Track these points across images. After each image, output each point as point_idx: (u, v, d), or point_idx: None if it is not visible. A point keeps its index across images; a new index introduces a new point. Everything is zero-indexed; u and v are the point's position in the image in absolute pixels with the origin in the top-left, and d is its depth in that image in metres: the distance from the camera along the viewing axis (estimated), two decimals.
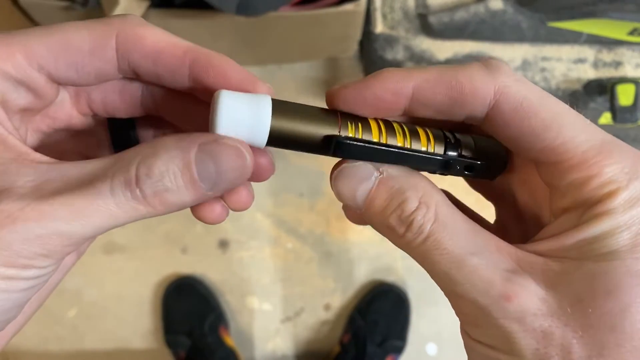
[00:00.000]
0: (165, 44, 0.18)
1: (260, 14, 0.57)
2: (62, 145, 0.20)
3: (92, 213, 0.14)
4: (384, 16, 0.69)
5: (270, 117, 0.16)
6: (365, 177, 0.17)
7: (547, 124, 0.16)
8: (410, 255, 0.16)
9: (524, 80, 0.16)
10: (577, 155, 0.16)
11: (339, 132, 0.17)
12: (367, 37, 0.71)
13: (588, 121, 0.17)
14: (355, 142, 0.16)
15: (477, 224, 0.16)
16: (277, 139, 0.16)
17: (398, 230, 0.16)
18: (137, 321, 0.83)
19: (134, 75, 0.18)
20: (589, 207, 0.15)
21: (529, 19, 0.65)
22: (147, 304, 0.83)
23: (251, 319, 0.83)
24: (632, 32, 0.63)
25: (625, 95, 0.61)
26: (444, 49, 0.68)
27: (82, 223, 0.14)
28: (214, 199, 0.18)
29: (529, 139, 0.16)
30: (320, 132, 0.17)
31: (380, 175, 0.17)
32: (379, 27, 0.69)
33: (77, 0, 0.59)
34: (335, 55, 0.82)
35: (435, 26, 0.66)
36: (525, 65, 0.68)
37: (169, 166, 0.15)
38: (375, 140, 0.17)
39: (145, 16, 0.59)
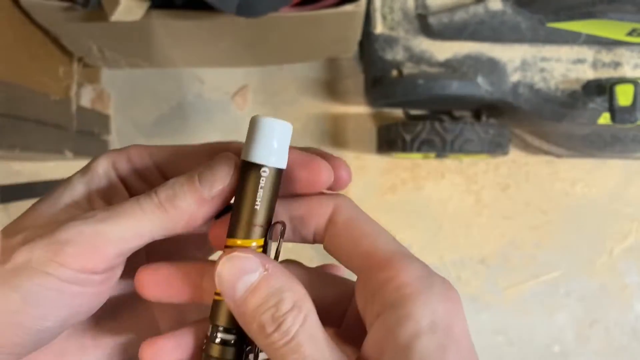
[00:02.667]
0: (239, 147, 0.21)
1: (261, 14, 0.57)
2: None
3: (122, 214, 0.18)
4: (384, 17, 0.69)
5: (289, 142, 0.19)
6: (251, 270, 0.18)
7: (366, 235, 0.19)
8: (269, 355, 0.17)
9: (356, 206, 0.20)
10: (382, 259, 0.18)
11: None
12: (367, 38, 0.71)
13: (401, 244, 0.19)
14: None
15: (332, 341, 0.18)
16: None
17: (267, 328, 0.17)
18: None
19: None
20: (391, 308, 0.17)
21: (528, 20, 0.65)
22: None
23: None
24: (631, 33, 0.64)
25: (624, 96, 0.61)
26: (443, 49, 0.68)
27: (113, 222, 0.18)
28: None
29: (351, 246, 0.19)
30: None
31: (265, 271, 0.18)
32: (379, 28, 0.69)
33: (78, 1, 0.59)
34: (335, 55, 0.83)
35: (434, 27, 0.66)
36: (524, 66, 0.68)
37: (179, 178, 0.19)
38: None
39: (145, 17, 0.59)
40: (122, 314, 0.22)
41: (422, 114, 0.79)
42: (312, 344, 0.17)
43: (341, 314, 0.21)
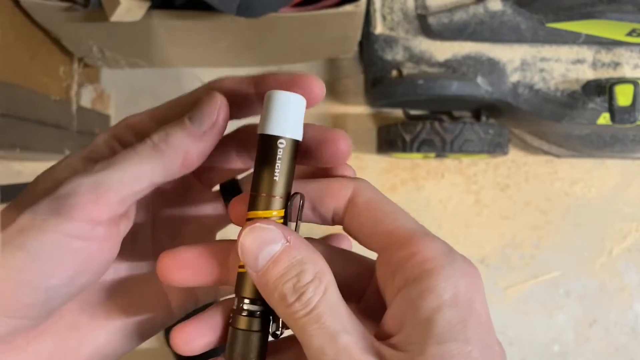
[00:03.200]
0: (232, 81, 0.23)
1: (261, 15, 0.58)
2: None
3: (120, 161, 0.19)
4: (384, 17, 0.69)
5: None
6: (273, 241, 0.18)
7: (386, 214, 0.19)
8: (289, 325, 0.18)
9: (374, 187, 0.21)
10: (404, 237, 0.18)
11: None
12: (367, 38, 0.71)
13: (417, 220, 0.20)
14: None
15: (353, 313, 0.18)
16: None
17: (289, 298, 0.17)
18: None
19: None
20: (412, 282, 0.17)
21: (528, 20, 0.65)
22: None
23: None
24: (630, 33, 0.64)
25: (623, 96, 0.61)
26: (443, 49, 0.68)
27: (112, 170, 0.18)
28: None
29: (372, 225, 0.19)
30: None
31: (287, 243, 0.18)
32: (379, 28, 0.69)
33: (78, 1, 0.59)
34: (335, 56, 0.83)
35: (434, 27, 0.66)
36: (524, 66, 0.68)
37: (171, 123, 0.20)
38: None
39: (145, 17, 0.60)
40: (133, 290, 0.23)
41: (422, 114, 0.79)
42: (333, 314, 0.17)
43: (361, 290, 0.21)
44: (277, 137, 0.19)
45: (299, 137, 0.20)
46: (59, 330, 0.20)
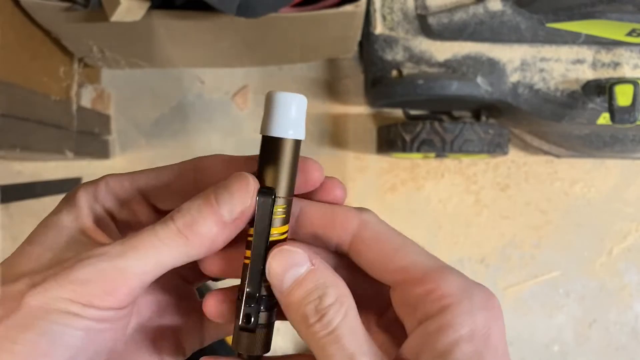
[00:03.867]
0: (231, 158, 0.21)
1: (261, 15, 0.58)
2: None
3: (140, 247, 0.18)
4: (384, 17, 0.69)
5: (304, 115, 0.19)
6: (299, 264, 0.19)
7: (397, 249, 0.19)
8: (309, 345, 0.18)
9: (382, 220, 0.21)
10: (419, 273, 0.19)
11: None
12: (367, 38, 0.71)
13: (431, 253, 0.20)
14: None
15: (368, 334, 0.19)
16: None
17: (310, 319, 0.18)
18: None
19: None
20: (430, 318, 0.17)
21: (528, 20, 0.65)
22: None
23: None
24: (630, 33, 0.64)
25: (623, 96, 0.61)
26: (443, 49, 0.68)
27: (133, 256, 0.17)
28: None
29: (383, 261, 0.19)
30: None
31: (312, 266, 0.19)
32: (379, 28, 0.69)
33: (78, 1, 0.59)
34: (335, 56, 0.83)
35: (434, 27, 0.66)
36: (524, 66, 0.68)
37: (195, 202, 0.18)
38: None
39: (146, 17, 0.60)
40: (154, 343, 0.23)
41: (422, 114, 0.80)
42: (352, 336, 0.17)
43: (382, 305, 0.22)
44: (279, 139, 0.19)
45: (302, 137, 0.20)
46: None
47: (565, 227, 0.84)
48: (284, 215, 0.20)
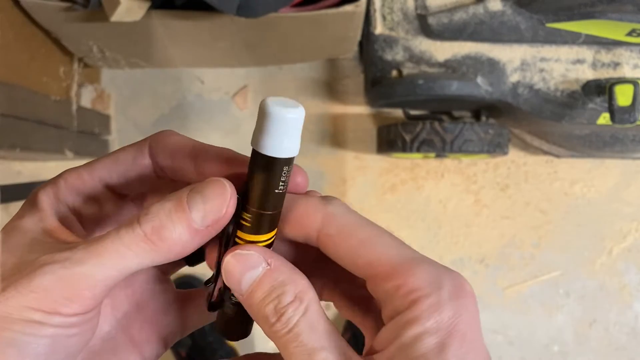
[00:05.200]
0: (180, 143, 0.20)
1: (261, 15, 0.58)
2: None
3: (104, 252, 0.17)
4: (384, 17, 0.69)
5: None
6: (254, 266, 0.18)
7: (364, 243, 0.18)
8: (275, 344, 0.18)
9: (350, 210, 0.19)
10: (387, 268, 0.18)
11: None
12: (367, 38, 0.71)
13: (403, 242, 0.19)
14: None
15: (336, 329, 0.18)
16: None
17: (270, 319, 0.18)
18: None
19: (162, 174, 0.21)
20: (399, 314, 0.17)
21: (528, 20, 0.65)
22: None
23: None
24: (630, 33, 0.64)
25: (623, 96, 0.61)
26: (443, 49, 0.68)
27: (96, 262, 0.17)
28: None
29: (351, 257, 0.19)
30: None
31: (267, 266, 0.18)
32: (379, 28, 0.69)
33: (78, 1, 0.59)
34: (335, 56, 0.83)
35: (434, 27, 0.66)
36: (524, 66, 0.68)
37: (164, 205, 0.17)
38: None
39: (146, 17, 0.60)
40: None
41: (422, 114, 0.80)
42: (311, 332, 0.17)
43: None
44: (278, 159, 0.18)
45: (296, 153, 0.18)
46: None
47: (565, 227, 0.84)
48: (272, 226, 0.19)
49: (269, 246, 0.19)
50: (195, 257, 0.22)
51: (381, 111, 0.85)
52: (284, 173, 0.18)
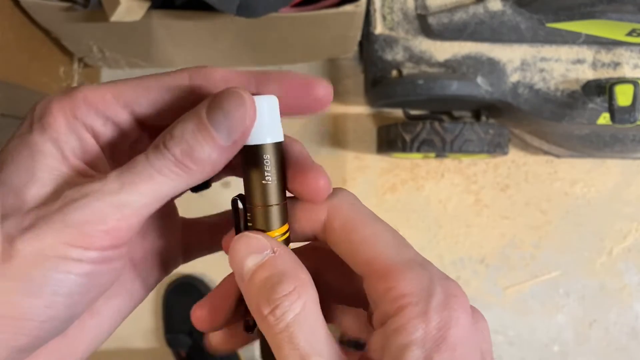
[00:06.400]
0: (229, 76, 0.19)
1: (261, 15, 0.58)
2: None
3: (138, 181, 0.16)
4: (384, 17, 0.69)
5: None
6: (259, 250, 0.18)
7: (365, 240, 0.18)
8: (269, 343, 0.17)
9: (357, 203, 0.19)
10: (383, 268, 0.17)
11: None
12: (367, 38, 0.71)
13: (405, 243, 0.18)
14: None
15: (331, 334, 0.18)
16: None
17: (263, 310, 0.17)
18: (137, 320, 0.83)
19: None
20: (389, 318, 0.17)
21: (528, 20, 0.65)
22: (148, 303, 0.83)
23: None
24: (630, 33, 0.64)
25: (623, 96, 0.62)
26: (443, 49, 0.68)
27: (130, 191, 0.16)
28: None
29: (353, 253, 0.18)
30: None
31: (272, 254, 0.18)
32: (379, 28, 0.69)
33: (78, 1, 0.59)
34: (335, 56, 0.83)
35: (434, 27, 0.66)
36: (524, 66, 0.68)
37: (186, 126, 0.17)
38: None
39: (146, 17, 0.60)
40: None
41: (422, 114, 0.80)
42: (308, 335, 0.17)
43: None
44: (260, 146, 0.18)
45: (281, 139, 0.18)
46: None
47: (565, 227, 0.84)
48: (277, 221, 0.19)
49: (285, 242, 0.19)
50: (200, 184, 0.21)
51: (381, 111, 0.85)
52: (266, 162, 0.18)
